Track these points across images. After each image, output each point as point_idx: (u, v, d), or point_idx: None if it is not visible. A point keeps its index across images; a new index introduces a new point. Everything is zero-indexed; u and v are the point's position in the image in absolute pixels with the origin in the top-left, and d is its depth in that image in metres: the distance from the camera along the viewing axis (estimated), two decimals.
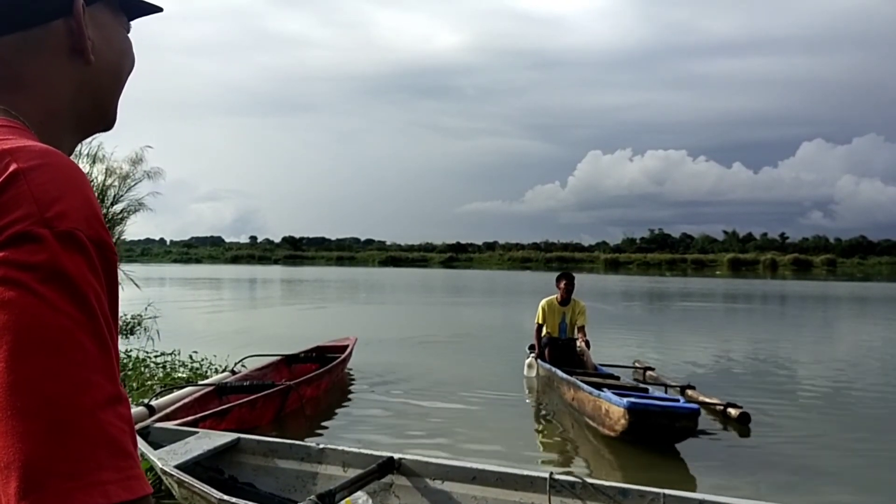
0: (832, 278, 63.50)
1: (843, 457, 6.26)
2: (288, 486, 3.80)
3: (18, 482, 0.54)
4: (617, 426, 6.12)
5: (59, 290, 0.59)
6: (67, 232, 0.61)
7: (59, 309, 0.58)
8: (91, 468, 0.56)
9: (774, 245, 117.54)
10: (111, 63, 0.82)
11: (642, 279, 56.82)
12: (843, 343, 15.92)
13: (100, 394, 0.58)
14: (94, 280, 0.62)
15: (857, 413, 8.07)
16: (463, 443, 6.26)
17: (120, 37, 0.84)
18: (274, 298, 29.73)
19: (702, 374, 10.20)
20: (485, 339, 14.11)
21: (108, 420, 0.58)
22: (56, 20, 0.76)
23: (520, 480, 3.49)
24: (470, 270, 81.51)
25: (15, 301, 0.57)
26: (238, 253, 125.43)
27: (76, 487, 0.55)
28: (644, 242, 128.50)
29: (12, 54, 0.74)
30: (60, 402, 0.56)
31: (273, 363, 8.58)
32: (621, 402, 6.02)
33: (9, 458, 0.54)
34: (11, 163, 0.62)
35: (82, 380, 0.58)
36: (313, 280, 47.08)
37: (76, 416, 0.56)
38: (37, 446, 0.55)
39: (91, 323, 0.60)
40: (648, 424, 5.93)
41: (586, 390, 6.86)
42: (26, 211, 0.60)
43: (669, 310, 25.71)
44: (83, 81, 0.79)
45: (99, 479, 0.56)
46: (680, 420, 5.91)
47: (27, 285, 0.58)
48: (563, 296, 9.07)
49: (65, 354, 0.58)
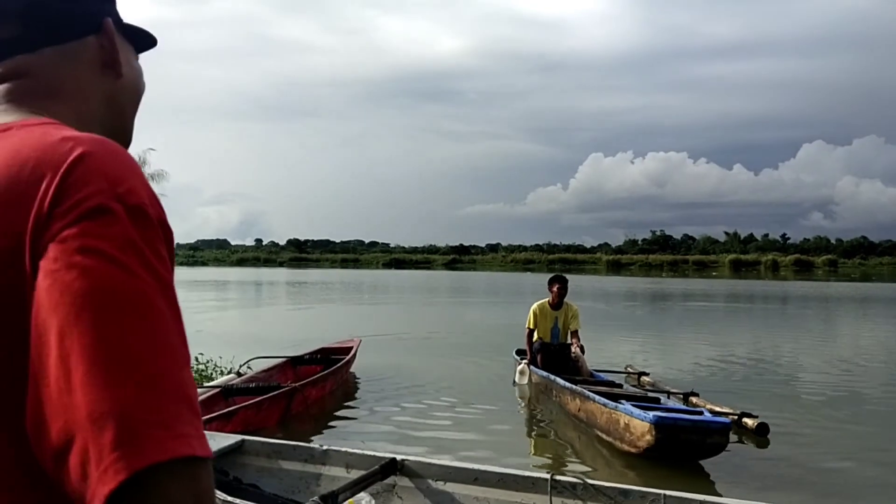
0: (834, 279, 63.32)
1: (875, 470, 5.86)
2: (292, 487, 3.84)
3: (115, 431, 0.56)
4: (640, 442, 5.61)
5: (136, 259, 0.63)
6: (138, 206, 0.65)
7: (138, 275, 0.62)
8: (178, 421, 0.59)
9: (776, 246, 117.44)
10: (133, 80, 0.90)
11: (642, 280, 56.73)
12: (848, 344, 15.59)
13: (179, 355, 0.62)
14: (163, 252, 0.66)
15: (878, 419, 7.71)
16: (464, 444, 6.30)
17: (135, 58, 0.92)
18: (279, 300, 29.75)
19: (703, 379, 9.88)
20: (487, 341, 14.13)
21: (186, 380, 0.62)
22: (89, 36, 0.83)
23: (521, 481, 3.52)
24: (473, 272, 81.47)
25: (97, 268, 0.61)
26: (243, 255, 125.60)
27: (169, 437, 0.57)
28: (646, 244, 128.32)
29: (52, 66, 0.81)
30: (148, 359, 0.59)
31: (278, 365, 8.62)
32: (646, 417, 5.53)
33: (102, 409, 0.57)
34: (77, 146, 0.66)
35: (164, 341, 0.62)
36: (318, 282, 47.12)
37: (162, 372, 0.60)
38: (131, 398, 0.57)
39: (165, 291, 0.64)
40: (677, 441, 5.47)
41: (599, 401, 6.36)
42: (98, 187, 0.64)
43: (668, 311, 25.69)
44: (112, 95, 0.86)
45: (184, 433, 0.59)
46: (711, 435, 5.46)
47: (107, 253, 0.61)
48: (555, 299, 8.78)
49: (146, 317, 0.61)
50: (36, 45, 0.80)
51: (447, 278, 59.42)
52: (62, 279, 0.60)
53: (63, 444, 0.58)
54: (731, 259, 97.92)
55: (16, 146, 0.68)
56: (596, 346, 11.33)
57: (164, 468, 0.57)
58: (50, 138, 0.67)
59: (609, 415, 6.14)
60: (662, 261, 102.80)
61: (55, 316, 0.59)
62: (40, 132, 0.69)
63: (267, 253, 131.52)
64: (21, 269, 0.62)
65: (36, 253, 0.62)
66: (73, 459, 0.58)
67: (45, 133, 0.69)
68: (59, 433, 0.58)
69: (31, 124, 0.72)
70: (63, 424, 0.58)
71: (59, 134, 0.68)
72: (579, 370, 8.22)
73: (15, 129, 0.71)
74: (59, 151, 0.66)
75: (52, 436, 0.59)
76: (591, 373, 8.32)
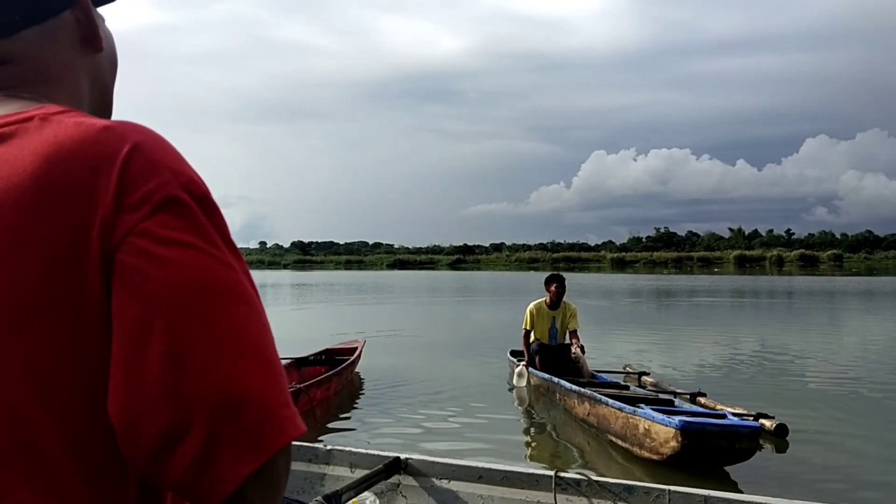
0: (839, 273, 63.14)
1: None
2: (296, 487, 3.84)
3: (253, 415, 0.59)
4: (664, 449, 5.35)
5: (221, 247, 0.64)
6: (204, 195, 0.66)
7: (228, 263, 0.64)
8: (290, 400, 0.63)
9: (780, 241, 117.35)
10: (111, 51, 0.84)
11: (646, 278, 56.69)
12: (858, 339, 15.29)
13: (271, 335, 0.65)
14: (231, 237, 0.67)
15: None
16: (468, 445, 6.31)
17: (105, 25, 0.84)
18: (283, 303, 29.79)
19: (707, 377, 9.58)
20: (491, 341, 14.12)
21: (279, 359, 0.65)
22: (64, 11, 0.76)
23: (525, 479, 3.51)
24: (478, 272, 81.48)
25: (192, 260, 0.62)
26: (248, 258, 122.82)
27: (292, 414, 0.61)
28: (650, 241, 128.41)
29: (34, 49, 0.75)
30: (262, 344, 0.62)
31: (283, 366, 8.61)
32: (671, 422, 5.25)
33: (235, 395, 0.59)
34: (126, 135, 0.65)
35: (264, 323, 0.64)
36: (323, 284, 47.18)
37: (273, 353, 0.63)
38: (261, 382, 0.60)
39: (248, 275, 0.66)
40: (705, 447, 5.19)
41: (613, 405, 6.10)
42: (164, 178, 0.64)
43: (670, 308, 25.64)
44: (95, 70, 0.81)
45: (294, 411, 0.62)
46: (740, 440, 5.19)
47: (194, 245, 0.62)
48: (552, 299, 8.51)
49: (248, 302, 0.63)
50: (12, 28, 0.73)
51: (451, 278, 59.45)
52: (157, 273, 0.60)
53: (176, 431, 0.58)
54: (736, 255, 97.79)
55: (53, 139, 0.64)
56: (596, 344, 11.33)
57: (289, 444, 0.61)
58: (90, 128, 0.65)
59: (626, 420, 5.87)
60: (667, 258, 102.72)
61: (158, 309, 0.59)
62: (74, 122, 0.66)
63: (271, 256, 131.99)
64: (84, 263, 0.61)
65: (107, 247, 0.61)
66: (187, 446, 0.58)
67: (81, 123, 0.65)
68: (171, 422, 0.58)
69: (54, 113, 0.67)
70: (177, 414, 0.58)
71: (96, 123, 0.66)
72: (580, 371, 7.99)
73: (39, 120, 0.66)
74: (106, 142, 0.63)
75: (160, 424, 0.58)
76: (592, 374, 8.10)
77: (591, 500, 3.46)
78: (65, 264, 0.61)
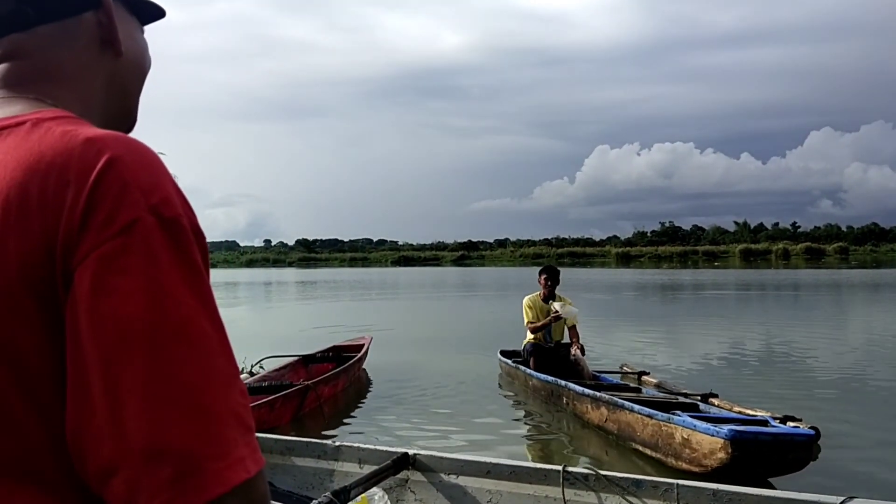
0: (845, 266, 62.89)
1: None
2: (305, 483, 3.86)
3: (173, 468, 0.56)
4: (708, 461, 4.82)
5: (177, 278, 0.62)
6: (173, 218, 0.63)
7: (180, 297, 0.61)
8: (232, 447, 0.59)
9: (786, 234, 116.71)
10: (137, 56, 0.84)
11: (651, 272, 56.47)
12: (872, 333, 14.79)
13: (225, 376, 0.62)
14: (200, 263, 0.65)
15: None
16: (475, 438, 6.31)
17: (139, 32, 0.86)
18: (289, 300, 29.83)
19: (714, 375, 9.13)
20: (498, 336, 14.08)
21: (235, 399, 0.61)
22: (87, 12, 0.77)
23: (533, 473, 3.53)
24: (482, 268, 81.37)
25: (139, 292, 0.59)
26: (253, 257, 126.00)
27: (226, 466, 0.58)
28: (655, 235, 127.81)
29: (49, 46, 0.76)
30: (199, 390, 0.59)
31: (291, 364, 8.67)
32: (719, 432, 4.73)
33: (157, 445, 0.57)
34: (105, 150, 0.63)
35: (212, 365, 0.61)
36: (327, 281, 47.19)
37: (214, 399, 0.60)
38: (186, 432, 0.57)
39: (207, 308, 0.63)
40: (757, 458, 4.71)
41: (641, 412, 5.54)
42: (132, 198, 0.62)
43: (674, 302, 25.55)
44: (114, 74, 0.81)
45: (240, 456, 0.59)
46: (795, 450, 4.71)
47: (147, 275, 0.60)
48: (545, 292, 8.14)
49: (192, 343, 0.60)
50: (30, 22, 0.75)
51: (457, 274, 59.37)
52: (104, 304, 0.59)
53: (108, 468, 0.58)
54: (742, 249, 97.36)
55: (37, 148, 0.64)
56: (597, 340, 11.27)
57: (225, 495, 0.58)
58: (73, 139, 0.64)
59: (657, 427, 5.34)
60: (672, 252, 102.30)
61: (99, 341, 0.59)
62: (60, 131, 0.66)
63: (276, 253, 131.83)
64: (51, 276, 0.61)
65: (68, 266, 0.60)
66: (116, 486, 0.58)
67: (66, 132, 0.65)
68: (105, 459, 0.58)
69: (46, 118, 0.68)
70: (110, 452, 0.58)
71: (82, 133, 0.65)
72: (581, 374, 7.53)
73: (30, 126, 0.67)
74: (85, 156, 0.63)
75: (96, 458, 0.58)
76: (593, 376, 7.67)
77: (599, 494, 3.47)
78: (38, 274, 0.61)
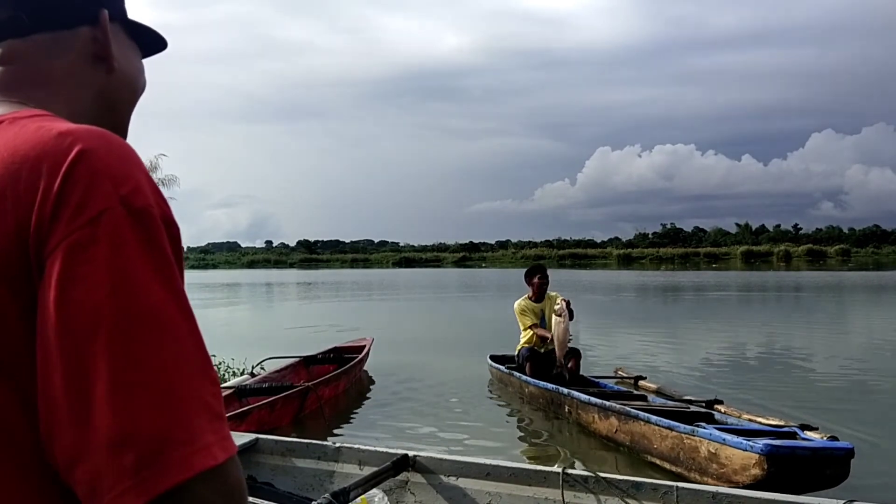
0: (847, 268, 62.79)
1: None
2: (305, 484, 3.87)
3: (137, 453, 0.56)
4: (740, 476, 4.55)
5: (145, 267, 0.62)
6: (143, 209, 0.64)
7: (148, 286, 0.61)
8: (198, 433, 0.59)
9: (788, 236, 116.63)
10: (129, 76, 0.86)
11: (653, 274, 56.45)
12: (877, 336, 14.51)
13: (192, 363, 0.62)
14: (171, 255, 0.65)
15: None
16: (475, 441, 6.32)
17: (136, 56, 0.89)
18: (290, 301, 29.85)
19: (713, 379, 9.00)
20: (498, 337, 14.08)
21: (204, 387, 0.62)
22: (83, 27, 0.80)
23: (533, 475, 3.53)
24: (484, 269, 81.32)
25: (107, 282, 0.60)
26: (254, 258, 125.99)
27: (191, 452, 0.58)
28: (656, 237, 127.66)
29: (42, 53, 0.78)
30: (165, 377, 0.59)
31: (292, 365, 8.67)
32: (753, 447, 4.47)
33: (122, 432, 0.57)
34: (76, 142, 0.64)
35: (177, 352, 0.61)
36: (329, 282, 47.21)
37: (180, 386, 0.60)
38: (150, 417, 0.58)
39: (176, 297, 0.63)
40: (793, 474, 4.43)
41: (660, 423, 5.24)
42: (102, 188, 0.62)
43: (675, 305, 25.54)
44: (104, 89, 0.83)
45: (206, 443, 0.60)
46: (833, 466, 4.44)
47: (115, 265, 0.61)
48: (535, 291, 7.95)
49: (158, 330, 0.60)
50: (27, 29, 0.78)
51: (458, 276, 59.34)
52: (70, 293, 0.59)
53: (73, 456, 0.58)
54: (743, 250, 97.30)
55: (11, 143, 0.66)
56: (594, 342, 11.26)
57: (190, 481, 0.58)
58: (46, 133, 0.65)
59: (678, 440, 5.06)
60: (673, 254, 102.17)
61: (65, 329, 0.59)
62: (35, 126, 0.67)
63: (277, 254, 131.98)
64: (27, 268, 0.62)
65: (41, 257, 0.61)
66: (80, 474, 0.58)
67: (41, 127, 0.67)
68: (70, 447, 0.58)
69: (23, 117, 0.70)
70: (73, 441, 0.58)
71: (55, 128, 0.66)
72: (574, 373, 7.34)
73: (7, 123, 0.69)
74: (57, 148, 0.64)
75: (62, 445, 0.59)
76: (591, 380, 7.49)
77: (599, 496, 3.47)
78: (14, 266, 0.62)
